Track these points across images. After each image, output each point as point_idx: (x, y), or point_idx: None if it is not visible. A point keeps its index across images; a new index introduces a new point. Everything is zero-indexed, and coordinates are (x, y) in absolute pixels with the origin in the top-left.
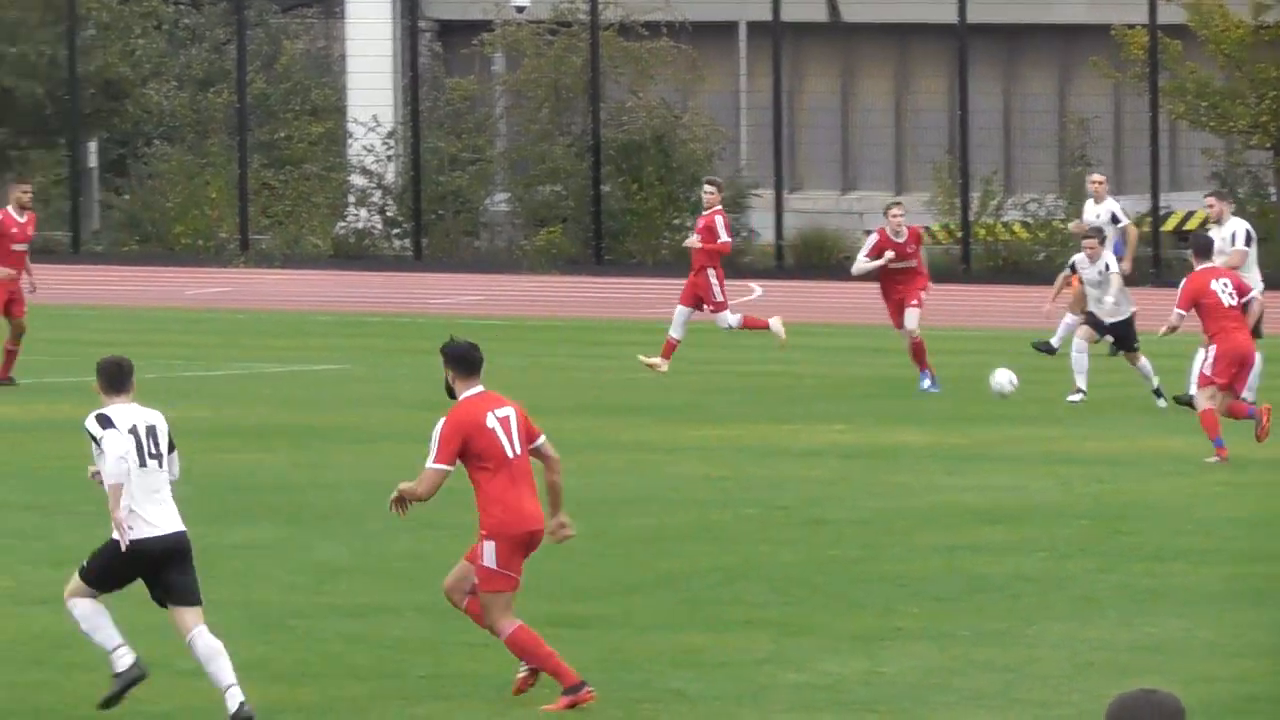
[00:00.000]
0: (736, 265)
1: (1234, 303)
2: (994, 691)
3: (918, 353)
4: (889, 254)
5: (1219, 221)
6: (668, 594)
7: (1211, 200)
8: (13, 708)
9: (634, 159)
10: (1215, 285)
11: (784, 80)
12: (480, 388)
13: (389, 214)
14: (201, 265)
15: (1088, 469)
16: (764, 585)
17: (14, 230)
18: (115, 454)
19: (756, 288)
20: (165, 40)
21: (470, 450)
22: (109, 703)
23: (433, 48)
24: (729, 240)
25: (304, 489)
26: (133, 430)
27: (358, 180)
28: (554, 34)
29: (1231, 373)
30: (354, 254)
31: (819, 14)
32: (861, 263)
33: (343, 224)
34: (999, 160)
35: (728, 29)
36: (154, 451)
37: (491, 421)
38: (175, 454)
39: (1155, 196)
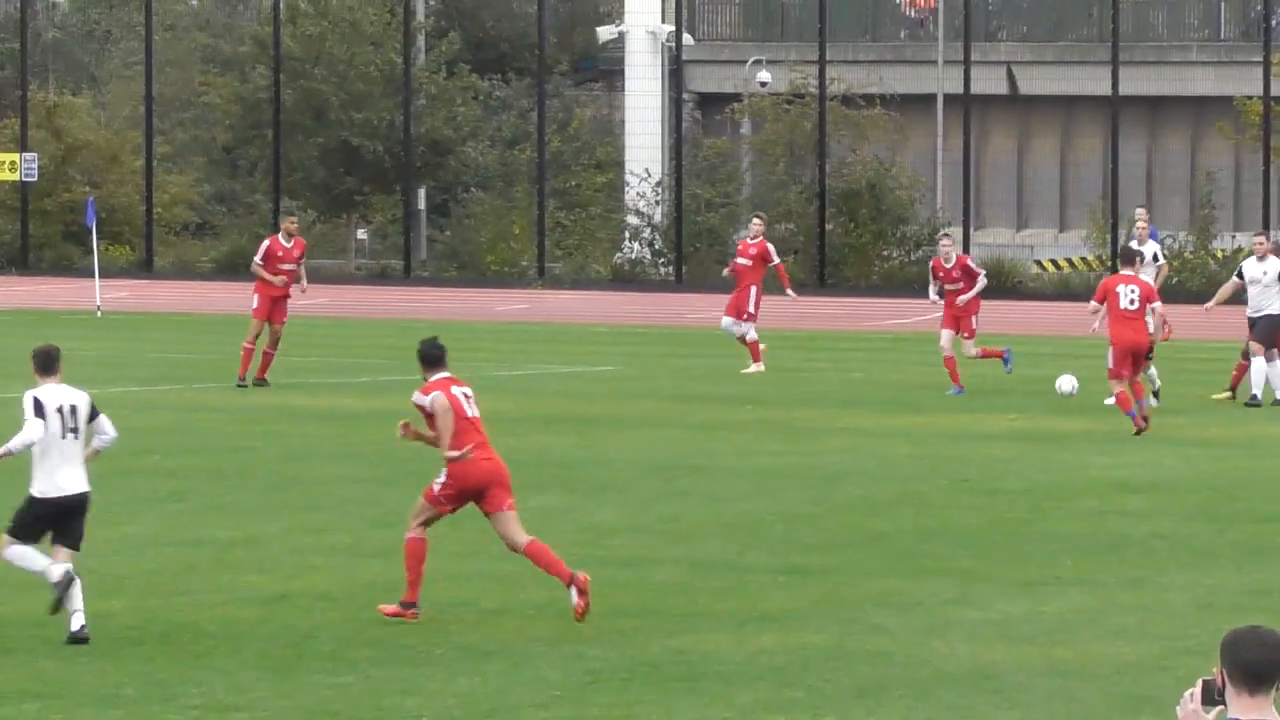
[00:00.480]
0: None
1: (1132, 307)
2: (1132, 627)
3: (951, 365)
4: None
5: (1262, 258)
6: (874, 549)
7: (1261, 239)
8: (353, 639)
9: (851, 203)
10: (1121, 289)
11: (972, 140)
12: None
13: (656, 247)
14: (507, 287)
15: (1209, 450)
16: (952, 542)
17: (280, 253)
18: (26, 438)
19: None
20: (481, 108)
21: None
22: (55, 608)
23: (694, 115)
24: (780, 262)
25: (584, 465)
26: (59, 409)
27: (632, 220)
28: (790, 104)
29: (1128, 363)
30: (628, 278)
31: (1001, 88)
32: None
33: (619, 255)
34: (1142, 202)
35: (928, 100)
36: (73, 426)
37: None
38: (102, 418)
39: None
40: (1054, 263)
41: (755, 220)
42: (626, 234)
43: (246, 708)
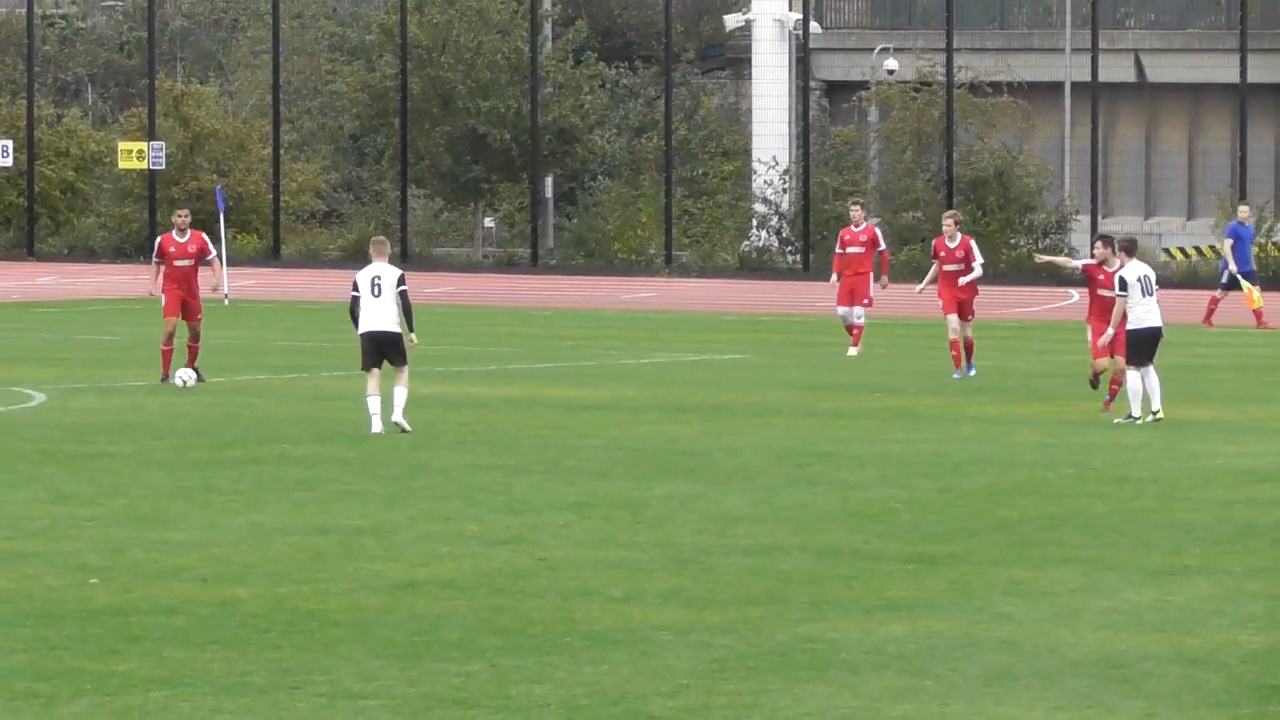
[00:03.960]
0: (1059, 276)
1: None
2: (1259, 615)
3: (968, 349)
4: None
5: None
6: (1001, 537)
7: None
8: (480, 627)
9: (979, 191)
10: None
11: (1099, 128)
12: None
13: (784, 235)
14: (633, 275)
15: None
16: (1079, 529)
17: (173, 249)
18: None
19: (1074, 294)
20: (608, 96)
21: None
22: None
23: (821, 103)
24: (885, 249)
25: (712, 453)
26: None
27: (759, 208)
28: (917, 91)
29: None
30: (755, 266)
31: (1128, 75)
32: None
33: (746, 243)
34: (1270, 191)
35: (1055, 87)
36: None
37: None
38: None
39: None
40: (1182, 250)
41: (856, 208)
42: (754, 222)
43: (373, 695)
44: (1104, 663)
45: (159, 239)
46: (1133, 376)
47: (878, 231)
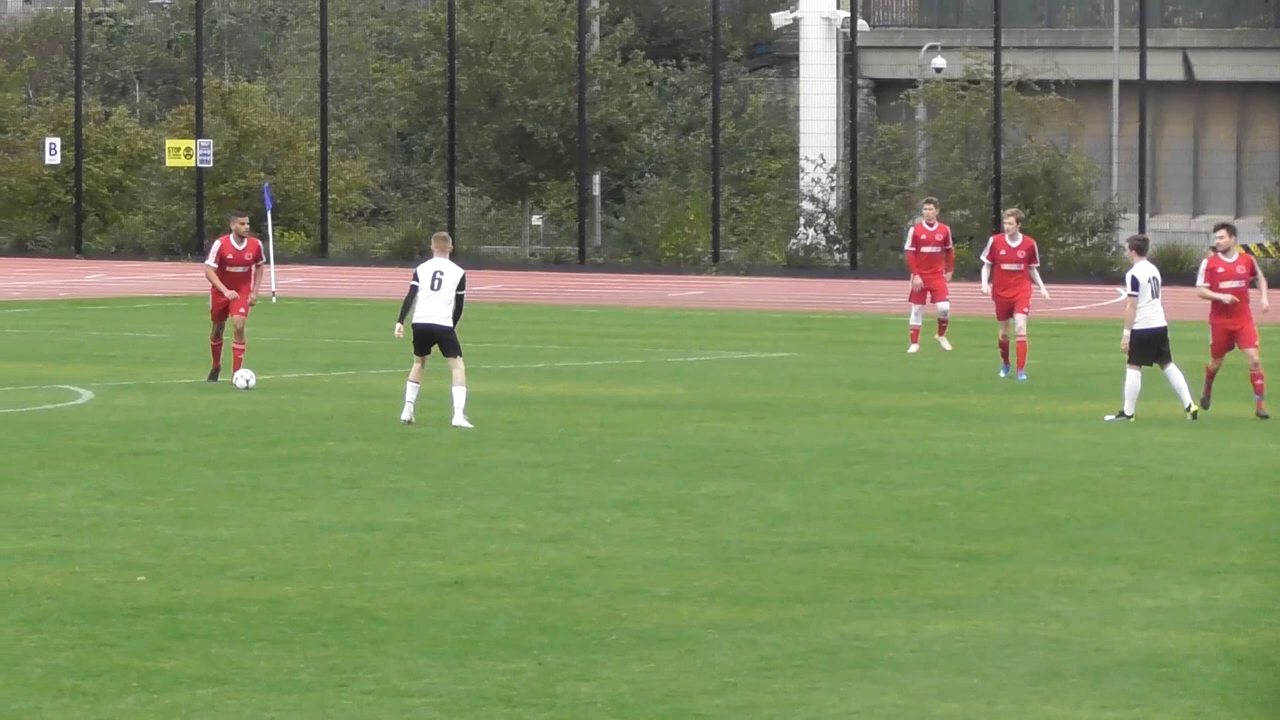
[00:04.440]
0: (1106, 274)
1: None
2: None
3: (1021, 351)
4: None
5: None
6: (1049, 535)
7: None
8: (527, 625)
9: (1027, 189)
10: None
11: (1147, 126)
12: None
13: (831, 233)
14: (681, 273)
15: None
16: (1126, 528)
17: (230, 255)
18: None
19: (1122, 292)
20: (655, 94)
21: None
22: None
23: (868, 101)
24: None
25: (759, 451)
26: None
27: (807, 206)
28: (965, 90)
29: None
30: (802, 264)
31: (1176, 74)
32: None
33: (794, 241)
34: None
35: (1103, 85)
36: None
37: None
38: None
39: None
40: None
41: (930, 205)
42: (801, 220)
43: (421, 693)
44: (1151, 661)
45: (219, 244)
46: (1132, 375)
47: (948, 231)
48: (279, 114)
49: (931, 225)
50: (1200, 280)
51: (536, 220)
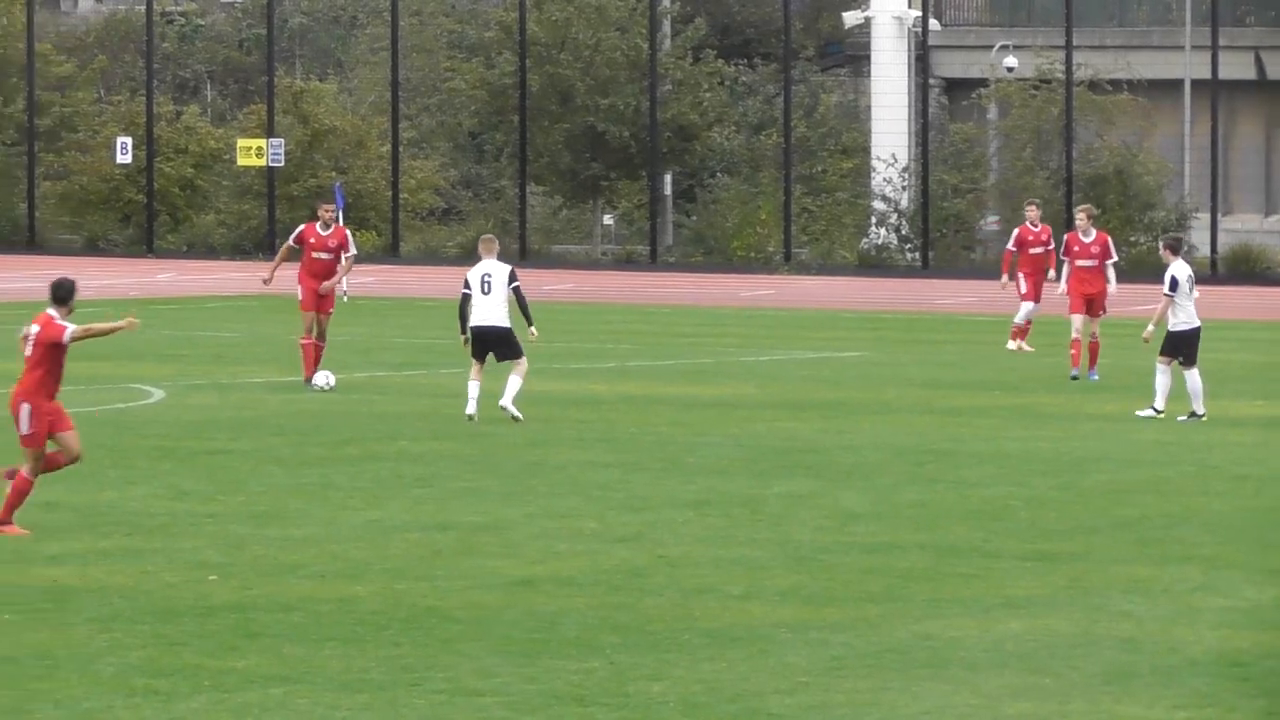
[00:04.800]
0: None
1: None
2: None
3: (1093, 351)
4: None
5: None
6: (1121, 535)
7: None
8: (599, 624)
9: (1098, 189)
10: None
11: (1219, 125)
12: None
13: (903, 232)
14: (752, 273)
15: None
16: (1199, 528)
17: (313, 239)
18: None
19: (1196, 292)
20: (726, 93)
21: None
22: None
23: (940, 100)
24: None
25: (831, 450)
26: None
27: (878, 205)
28: (1036, 89)
29: None
30: (874, 264)
31: (1248, 73)
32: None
33: (866, 240)
34: None
35: (1175, 85)
36: None
37: None
38: None
39: None
40: None
41: (1033, 207)
42: (872, 219)
43: (492, 692)
44: (1224, 661)
45: (302, 226)
46: (1164, 372)
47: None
48: (350, 113)
49: (1036, 226)
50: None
51: (608, 220)
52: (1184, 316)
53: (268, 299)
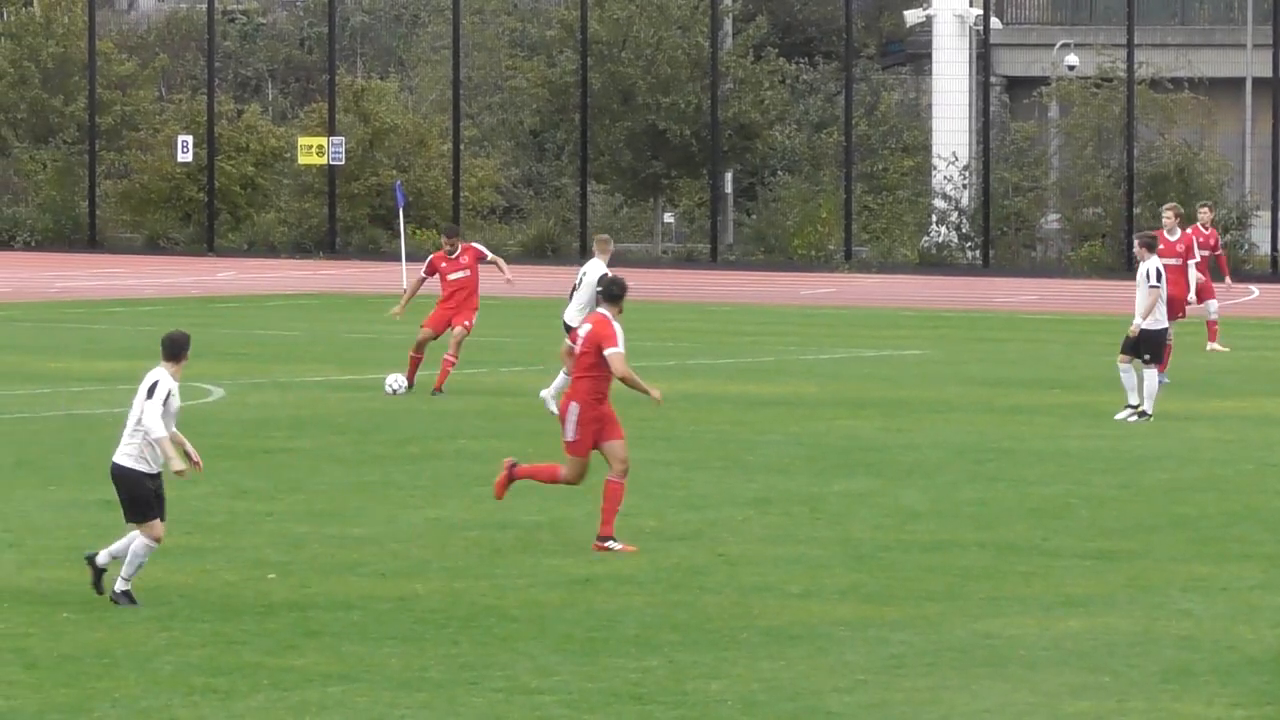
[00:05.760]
0: (1239, 272)
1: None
2: None
3: (1167, 352)
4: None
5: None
6: (1180, 533)
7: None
8: (658, 623)
9: (1160, 186)
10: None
11: None
12: None
13: (964, 230)
14: (813, 271)
15: None
16: (1258, 526)
17: (444, 265)
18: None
19: (1254, 289)
20: (788, 92)
21: None
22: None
23: (1001, 98)
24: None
25: (891, 449)
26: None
27: (939, 204)
28: (1098, 87)
29: None
30: (935, 262)
31: None
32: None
33: (926, 238)
34: None
35: (1236, 83)
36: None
37: None
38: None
39: None
40: None
41: (1205, 209)
42: (934, 218)
43: (551, 691)
44: None
45: (430, 257)
46: (1127, 371)
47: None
48: (411, 112)
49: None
50: None
51: (669, 218)
52: (1154, 315)
53: (327, 298)
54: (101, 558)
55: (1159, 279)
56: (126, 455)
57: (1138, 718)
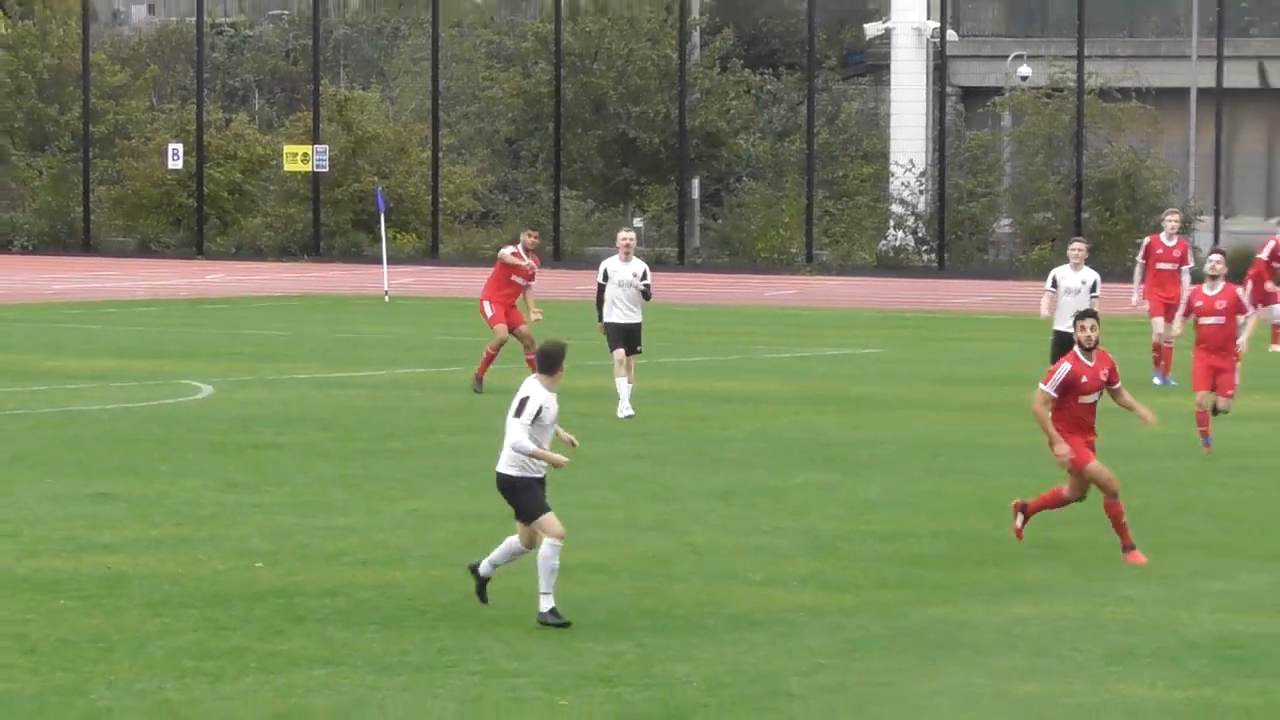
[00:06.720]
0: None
1: None
2: None
3: (1167, 356)
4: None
5: (1077, 267)
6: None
7: (1079, 246)
8: (627, 609)
9: (1108, 193)
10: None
11: (1223, 132)
12: None
13: (920, 235)
14: (776, 273)
15: None
16: (1199, 517)
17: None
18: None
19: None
20: (753, 102)
21: None
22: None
23: (957, 108)
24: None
25: (850, 443)
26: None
27: (897, 209)
28: (1049, 97)
29: None
30: (892, 265)
31: (1252, 81)
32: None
33: (884, 242)
34: None
35: (1182, 93)
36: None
37: None
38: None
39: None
40: None
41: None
42: (891, 222)
43: (525, 673)
44: (1222, 643)
45: (510, 249)
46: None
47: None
48: (392, 121)
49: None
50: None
51: (638, 222)
52: (1064, 317)
53: (312, 299)
54: (484, 568)
55: (1054, 285)
56: (509, 465)
57: (1083, 699)
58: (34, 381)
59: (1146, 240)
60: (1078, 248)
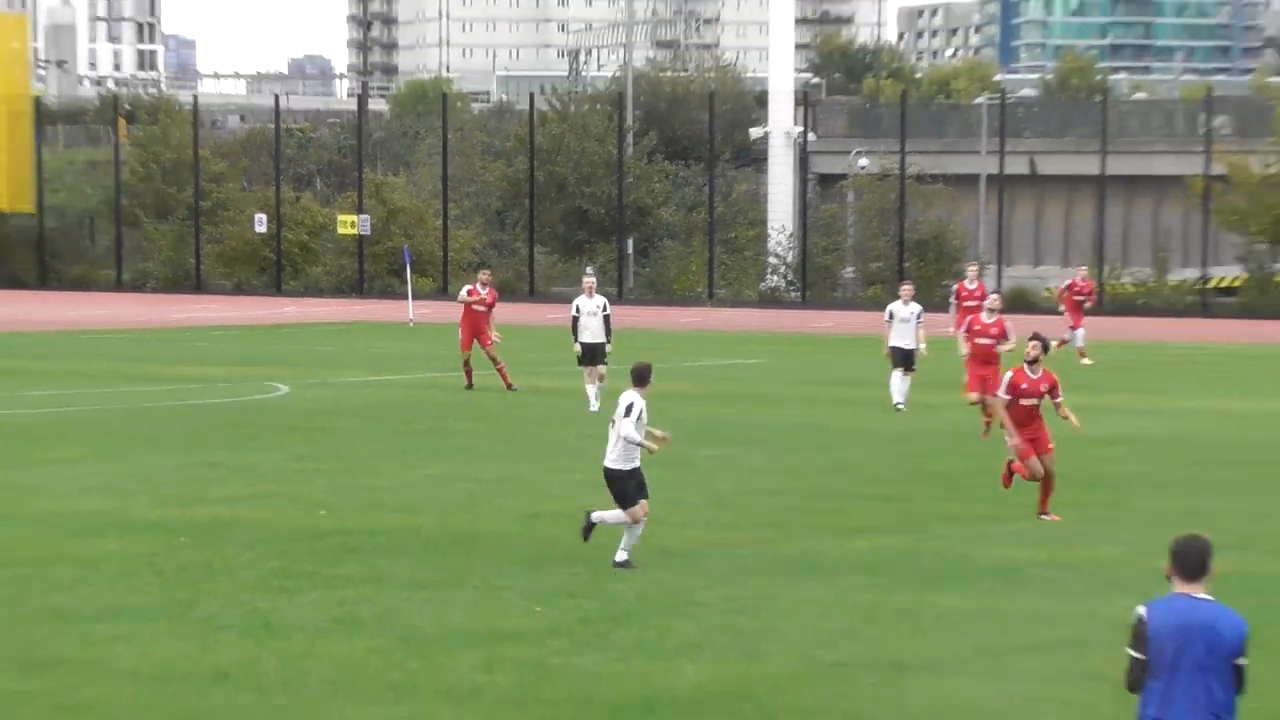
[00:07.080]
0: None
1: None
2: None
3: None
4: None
5: (907, 302)
6: (935, 482)
7: (908, 287)
8: (584, 545)
9: (922, 249)
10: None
11: (1004, 206)
12: None
13: (789, 279)
14: (687, 305)
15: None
16: (990, 478)
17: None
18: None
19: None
20: (670, 184)
21: None
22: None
23: (815, 188)
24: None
25: (741, 426)
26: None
27: (773, 260)
28: (881, 180)
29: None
30: (770, 300)
31: (1024, 169)
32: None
33: (764, 283)
34: (1119, 250)
35: (973, 178)
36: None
37: None
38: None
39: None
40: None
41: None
42: (769, 269)
43: (511, 588)
44: (1002, 568)
45: (467, 289)
46: (899, 377)
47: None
48: (414, 198)
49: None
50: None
51: (590, 270)
52: (907, 339)
53: (358, 325)
54: (595, 515)
55: (891, 317)
56: (612, 460)
57: (904, 606)
58: (161, 383)
59: (955, 285)
60: (907, 288)
